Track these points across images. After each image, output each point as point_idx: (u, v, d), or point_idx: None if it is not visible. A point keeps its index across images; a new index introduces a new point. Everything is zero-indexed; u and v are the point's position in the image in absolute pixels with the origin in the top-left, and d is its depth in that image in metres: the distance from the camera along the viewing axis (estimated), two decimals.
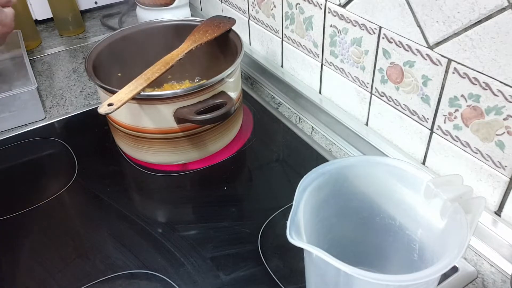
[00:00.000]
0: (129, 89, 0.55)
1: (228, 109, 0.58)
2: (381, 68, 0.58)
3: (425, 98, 0.54)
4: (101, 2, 1.11)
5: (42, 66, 0.91)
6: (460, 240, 0.34)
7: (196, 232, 0.55)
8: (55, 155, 0.69)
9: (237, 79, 0.65)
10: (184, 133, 0.60)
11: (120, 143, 0.66)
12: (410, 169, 0.41)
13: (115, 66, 0.69)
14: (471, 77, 0.47)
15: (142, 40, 0.72)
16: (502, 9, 0.42)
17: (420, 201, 0.40)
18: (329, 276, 0.37)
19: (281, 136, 0.71)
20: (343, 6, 0.60)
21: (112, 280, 0.50)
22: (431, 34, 0.50)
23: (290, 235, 0.34)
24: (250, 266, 0.50)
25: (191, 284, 0.49)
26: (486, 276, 0.49)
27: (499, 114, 0.46)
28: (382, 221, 0.44)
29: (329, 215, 0.43)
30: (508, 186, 0.49)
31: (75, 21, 1.01)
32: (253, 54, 0.85)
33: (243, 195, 0.61)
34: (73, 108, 0.78)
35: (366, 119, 0.65)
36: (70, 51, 0.96)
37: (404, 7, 0.52)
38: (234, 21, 0.70)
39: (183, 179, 0.63)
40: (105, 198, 0.60)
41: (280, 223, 0.55)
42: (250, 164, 0.67)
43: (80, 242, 0.54)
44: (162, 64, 0.60)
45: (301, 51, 0.73)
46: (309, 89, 0.74)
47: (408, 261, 0.43)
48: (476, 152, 0.51)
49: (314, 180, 0.40)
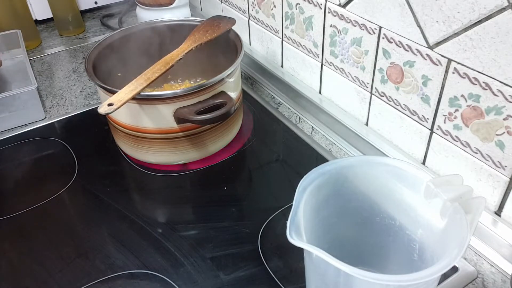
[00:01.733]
0: (129, 89, 0.55)
1: (228, 109, 0.58)
2: (381, 68, 0.58)
3: (425, 98, 0.54)
4: (101, 2, 1.11)
5: (42, 66, 0.90)
6: (460, 240, 0.34)
7: (196, 232, 0.55)
8: (55, 155, 0.69)
9: (237, 79, 0.65)
10: (184, 133, 0.60)
11: (120, 143, 0.66)
12: (410, 169, 0.41)
13: (115, 66, 0.69)
14: (471, 77, 0.47)
15: (142, 40, 0.72)
16: (502, 9, 0.42)
17: (420, 201, 0.40)
18: (329, 276, 0.37)
19: (281, 136, 0.71)
20: (343, 6, 0.60)
21: (112, 280, 0.50)
22: (431, 34, 0.50)
23: (290, 235, 0.34)
24: (250, 266, 0.50)
25: (191, 284, 0.49)
26: (486, 276, 0.49)
27: (499, 114, 0.46)
28: (382, 221, 0.44)
29: (329, 215, 0.43)
30: (508, 186, 0.49)
31: (75, 21, 1.01)
32: (253, 54, 0.85)
33: (243, 195, 0.61)
34: (73, 108, 0.78)
35: (366, 119, 0.65)
36: (70, 51, 0.96)
37: (404, 7, 0.52)
38: (234, 21, 0.70)
39: (183, 179, 0.63)
40: (105, 198, 0.60)
41: (280, 223, 0.55)
42: (250, 164, 0.67)
43: (80, 242, 0.54)
44: (162, 64, 0.60)
45: (301, 51, 0.73)
46: (309, 89, 0.74)
47: (408, 261, 0.43)
48: (476, 152, 0.51)
49: (314, 180, 0.40)
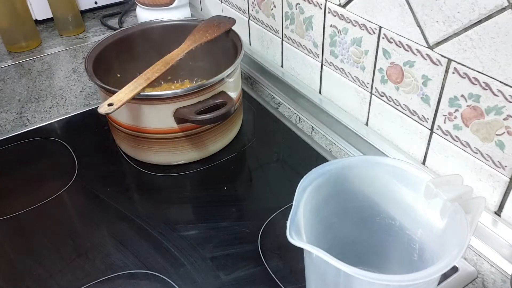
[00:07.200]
0: (129, 89, 0.55)
1: (228, 109, 0.58)
2: (381, 68, 0.58)
3: (425, 98, 0.54)
4: (101, 2, 1.11)
5: (42, 66, 0.90)
6: (460, 240, 0.34)
7: (196, 232, 0.55)
8: (55, 155, 0.69)
9: (237, 79, 0.65)
10: (184, 133, 0.60)
11: (120, 143, 0.66)
12: (410, 169, 0.41)
13: (115, 66, 0.69)
14: (471, 77, 0.47)
15: (142, 40, 0.72)
16: (502, 9, 0.42)
17: (420, 201, 0.40)
18: (329, 276, 0.37)
19: (281, 136, 0.71)
20: (343, 6, 0.60)
21: (112, 280, 0.50)
22: (431, 34, 0.50)
23: (290, 235, 0.34)
24: (250, 266, 0.50)
25: (191, 284, 0.49)
26: (486, 276, 0.49)
27: (499, 114, 0.46)
28: (382, 221, 0.44)
29: (329, 215, 0.43)
30: (508, 186, 0.49)
31: (75, 21, 1.01)
32: (253, 54, 0.85)
33: (243, 195, 0.61)
34: (73, 108, 0.78)
35: (366, 119, 0.65)
36: (70, 51, 0.96)
37: (404, 7, 0.52)
38: (234, 21, 0.70)
39: (183, 179, 0.63)
40: (105, 198, 0.60)
41: (280, 223, 0.55)
42: (250, 164, 0.67)
43: (80, 242, 0.54)
44: (162, 64, 0.60)
45: (301, 51, 0.73)
46: (309, 89, 0.74)
47: (408, 261, 0.43)
48: (476, 152, 0.51)
49: (314, 180, 0.40)
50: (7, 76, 0.87)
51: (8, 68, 0.90)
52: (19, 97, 0.81)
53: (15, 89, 0.83)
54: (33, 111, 0.78)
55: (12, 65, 0.90)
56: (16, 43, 0.94)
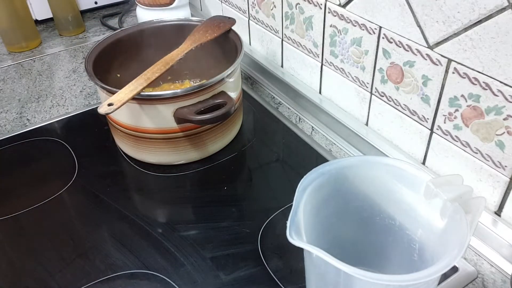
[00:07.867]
0: (129, 89, 0.55)
1: (228, 109, 0.58)
2: (381, 68, 0.58)
3: (425, 98, 0.54)
4: (101, 2, 1.11)
5: (42, 66, 0.90)
6: (460, 240, 0.34)
7: (196, 232, 0.55)
8: (55, 155, 0.69)
9: (237, 79, 0.65)
10: (184, 133, 0.60)
11: (120, 143, 0.66)
12: (410, 169, 0.41)
13: (115, 66, 0.69)
14: (471, 77, 0.47)
15: (142, 40, 0.72)
16: (502, 9, 0.42)
17: (420, 201, 0.40)
18: (329, 276, 0.37)
19: (281, 136, 0.71)
20: (343, 6, 0.60)
21: (112, 280, 0.50)
22: (431, 34, 0.50)
23: (290, 235, 0.34)
24: (250, 266, 0.50)
25: (191, 284, 0.49)
26: (486, 276, 0.49)
27: (499, 114, 0.46)
28: (382, 221, 0.44)
29: (329, 215, 0.43)
30: (508, 186, 0.49)
31: (75, 21, 1.01)
32: (253, 54, 0.85)
33: (243, 195, 0.61)
34: (73, 108, 0.78)
35: (366, 119, 0.65)
36: (70, 51, 0.96)
37: (404, 7, 0.52)
38: (234, 21, 0.70)
39: (183, 179, 0.63)
40: (105, 198, 0.60)
41: (280, 223, 0.55)
42: (250, 164, 0.67)
43: (80, 242, 0.54)
44: (162, 64, 0.60)
45: (301, 51, 0.73)
46: (309, 89, 0.74)
47: (408, 261, 0.43)
48: (476, 152, 0.51)
49: (314, 180, 0.40)
50: (7, 76, 0.87)
51: (8, 68, 0.90)
52: (19, 97, 0.81)
53: (15, 89, 0.83)
54: (33, 111, 0.78)
55: (12, 65, 0.90)
56: (16, 43, 0.94)
